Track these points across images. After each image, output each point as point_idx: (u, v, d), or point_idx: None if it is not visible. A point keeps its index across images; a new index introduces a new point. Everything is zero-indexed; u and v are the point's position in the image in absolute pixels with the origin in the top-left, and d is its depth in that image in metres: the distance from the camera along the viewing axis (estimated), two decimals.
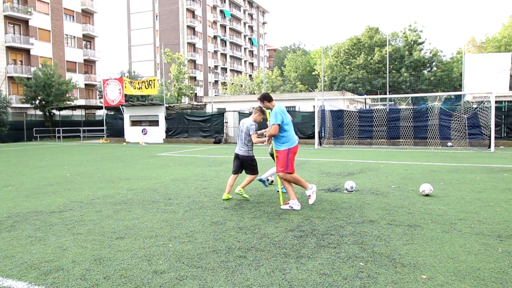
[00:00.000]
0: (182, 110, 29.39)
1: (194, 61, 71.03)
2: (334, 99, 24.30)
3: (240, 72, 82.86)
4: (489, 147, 16.31)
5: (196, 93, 65.89)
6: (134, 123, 27.33)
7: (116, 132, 28.61)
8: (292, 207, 5.77)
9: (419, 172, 9.61)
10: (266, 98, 6.06)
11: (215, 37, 77.79)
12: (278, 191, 6.82)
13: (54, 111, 33.93)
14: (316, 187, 6.13)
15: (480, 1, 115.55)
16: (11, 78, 37.83)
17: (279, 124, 5.73)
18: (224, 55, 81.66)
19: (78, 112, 38.31)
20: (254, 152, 6.65)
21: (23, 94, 34.23)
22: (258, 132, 6.54)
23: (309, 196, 5.97)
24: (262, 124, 7.15)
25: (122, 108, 27.39)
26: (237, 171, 6.69)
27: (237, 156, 6.65)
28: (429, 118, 19.02)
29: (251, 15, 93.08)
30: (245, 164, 6.60)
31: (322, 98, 22.02)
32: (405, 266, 3.52)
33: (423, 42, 43.83)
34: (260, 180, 7.28)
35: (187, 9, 69.73)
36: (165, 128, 26.11)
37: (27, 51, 39.38)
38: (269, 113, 6.26)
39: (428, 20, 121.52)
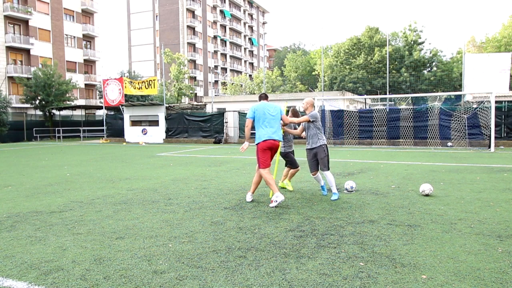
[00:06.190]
0: (182, 110, 29.37)
1: (194, 61, 71.02)
2: (334, 99, 24.31)
3: (240, 72, 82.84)
4: (489, 147, 16.31)
5: (196, 93, 65.88)
6: (134, 123, 27.32)
7: (116, 132, 28.60)
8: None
9: (419, 172, 9.61)
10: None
11: (215, 37, 77.78)
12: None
13: (54, 111, 33.92)
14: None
15: (480, 1, 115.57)
16: (11, 78, 37.83)
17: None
18: (224, 55, 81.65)
19: (78, 112, 38.30)
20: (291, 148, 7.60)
21: (23, 94, 34.21)
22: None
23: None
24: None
25: (122, 108, 27.39)
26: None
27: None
28: (429, 118, 19.01)
29: (251, 15, 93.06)
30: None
31: (322, 98, 22.02)
32: (405, 266, 3.52)
33: (423, 42, 43.83)
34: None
35: (187, 9, 69.72)
36: (165, 128, 26.10)
37: (27, 51, 39.36)
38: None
39: (428, 20, 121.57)
